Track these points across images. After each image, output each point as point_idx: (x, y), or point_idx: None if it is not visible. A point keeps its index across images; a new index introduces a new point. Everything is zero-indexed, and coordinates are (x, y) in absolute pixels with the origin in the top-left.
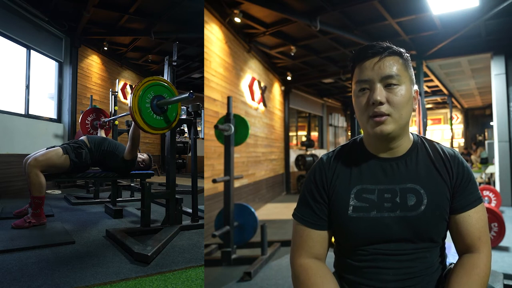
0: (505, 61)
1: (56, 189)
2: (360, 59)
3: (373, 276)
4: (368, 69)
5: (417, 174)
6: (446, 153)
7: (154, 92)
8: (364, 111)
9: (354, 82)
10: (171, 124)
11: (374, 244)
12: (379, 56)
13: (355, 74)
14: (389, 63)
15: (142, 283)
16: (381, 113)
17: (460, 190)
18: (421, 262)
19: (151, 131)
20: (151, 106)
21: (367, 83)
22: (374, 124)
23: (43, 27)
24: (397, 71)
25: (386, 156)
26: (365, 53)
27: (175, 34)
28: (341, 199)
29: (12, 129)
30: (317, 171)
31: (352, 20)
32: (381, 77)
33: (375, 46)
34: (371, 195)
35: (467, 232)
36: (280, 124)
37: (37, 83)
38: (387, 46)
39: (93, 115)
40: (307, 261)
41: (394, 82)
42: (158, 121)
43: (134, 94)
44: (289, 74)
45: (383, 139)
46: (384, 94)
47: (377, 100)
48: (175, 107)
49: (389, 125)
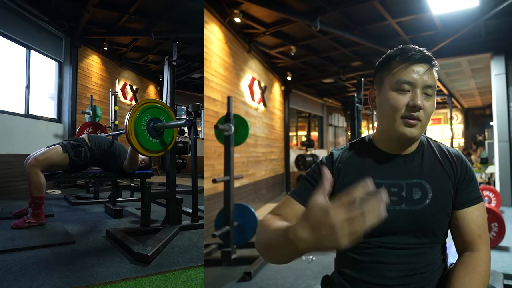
0: (505, 61)
1: (56, 189)
2: (406, 60)
3: (375, 272)
4: (415, 73)
5: (423, 169)
6: (451, 152)
7: (150, 115)
8: (398, 110)
9: (394, 79)
10: (167, 147)
11: (378, 236)
12: (428, 65)
13: (394, 70)
14: (432, 75)
15: (142, 283)
16: (417, 117)
17: (462, 187)
18: (423, 258)
19: (147, 153)
20: (147, 129)
21: (410, 85)
22: (405, 124)
23: (43, 27)
24: (435, 84)
25: (395, 153)
26: (413, 55)
27: (175, 34)
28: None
29: (12, 129)
30: (326, 161)
31: (352, 20)
32: (424, 85)
33: (424, 53)
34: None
35: (468, 229)
36: (280, 124)
37: (37, 83)
38: (432, 57)
39: (90, 128)
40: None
41: (430, 92)
42: (154, 144)
43: (131, 116)
44: (289, 74)
45: (406, 140)
46: (422, 101)
47: (419, 105)
48: (171, 130)
49: (418, 129)
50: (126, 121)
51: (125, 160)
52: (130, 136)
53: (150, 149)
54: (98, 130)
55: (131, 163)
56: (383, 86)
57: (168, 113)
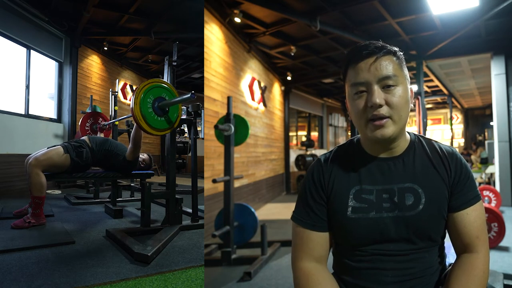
0: (505, 61)
1: (56, 189)
2: (354, 60)
3: (372, 278)
4: (364, 71)
5: (415, 173)
6: (444, 150)
7: (155, 94)
8: (362, 114)
9: (349, 85)
10: (173, 124)
11: (373, 244)
12: (374, 56)
13: (348, 76)
14: (385, 63)
15: (142, 283)
16: (381, 116)
17: (458, 188)
18: (420, 263)
19: (154, 132)
20: (153, 108)
21: (363, 85)
22: (373, 127)
23: (43, 27)
24: (394, 71)
25: (383, 156)
26: (359, 53)
27: (175, 34)
28: (340, 200)
29: (12, 129)
30: (315, 172)
31: (352, 20)
32: (378, 79)
33: (369, 46)
34: (369, 195)
35: (465, 231)
36: (280, 124)
37: (37, 83)
38: (381, 45)
39: (91, 119)
40: (308, 265)
41: (391, 83)
42: (160, 123)
43: (135, 97)
44: (289, 74)
45: (382, 142)
46: (382, 96)
47: (376, 103)
48: (176, 107)
49: (389, 127)
50: (131, 104)
51: (124, 154)
52: (136, 116)
53: (158, 128)
54: (99, 119)
55: (135, 145)
56: (347, 95)
57: (171, 92)
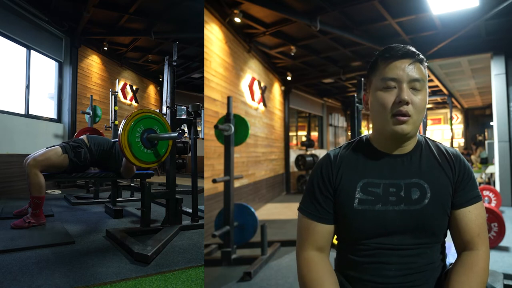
0: (505, 61)
1: (56, 189)
2: (390, 57)
3: (375, 272)
4: (399, 69)
5: (421, 169)
6: (449, 152)
7: (146, 125)
8: (387, 108)
9: (379, 78)
10: (160, 158)
11: (378, 237)
12: (411, 59)
13: (380, 70)
14: (417, 68)
15: (142, 283)
16: (405, 113)
17: (461, 187)
18: (422, 258)
19: (141, 165)
20: (141, 140)
21: (395, 81)
22: (396, 122)
23: (43, 27)
24: (422, 77)
25: (392, 153)
26: (396, 52)
27: (175, 34)
28: (347, 192)
29: (12, 129)
30: (324, 165)
31: (352, 20)
32: (410, 79)
33: (406, 48)
34: (376, 188)
35: (467, 228)
36: (280, 124)
37: (37, 83)
38: (416, 51)
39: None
40: (311, 254)
41: (418, 86)
42: (148, 155)
43: (124, 127)
44: (289, 74)
45: (399, 137)
46: (410, 96)
47: (405, 99)
48: (166, 142)
49: (409, 125)
50: (119, 131)
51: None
52: (123, 148)
53: (144, 160)
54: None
55: (127, 171)
56: (372, 87)
57: (162, 123)
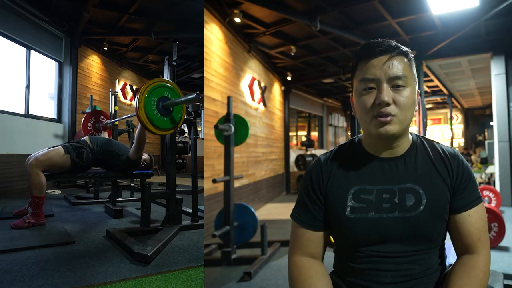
0: (505, 61)
1: (56, 189)
2: (366, 56)
3: (371, 278)
4: (376, 68)
5: (416, 173)
6: (446, 152)
7: (158, 94)
8: (368, 110)
9: (358, 80)
10: (177, 124)
11: (372, 245)
12: (388, 55)
13: (359, 71)
14: (397, 63)
15: (142, 283)
16: (387, 114)
17: (460, 190)
18: (419, 264)
19: (158, 132)
20: (157, 108)
21: (373, 82)
22: (379, 123)
23: (43, 27)
24: (405, 72)
25: (385, 156)
26: (373, 50)
27: (175, 34)
28: (339, 200)
29: (12, 129)
30: (314, 171)
31: (352, 20)
32: (389, 78)
33: (383, 43)
34: (369, 195)
35: (467, 232)
36: (280, 124)
37: (37, 83)
38: (395, 45)
39: (93, 118)
40: (301, 259)
41: (401, 83)
42: (165, 122)
43: (140, 98)
44: (289, 74)
45: (386, 139)
46: (391, 95)
47: (384, 100)
48: (180, 107)
49: (394, 125)
50: (136, 104)
51: (126, 154)
52: (141, 116)
53: (161, 127)
54: (101, 117)
55: (139, 145)
56: (354, 89)
57: (176, 91)
